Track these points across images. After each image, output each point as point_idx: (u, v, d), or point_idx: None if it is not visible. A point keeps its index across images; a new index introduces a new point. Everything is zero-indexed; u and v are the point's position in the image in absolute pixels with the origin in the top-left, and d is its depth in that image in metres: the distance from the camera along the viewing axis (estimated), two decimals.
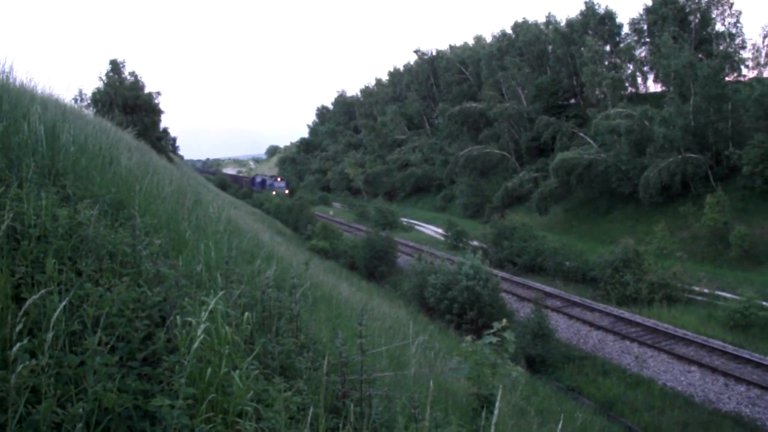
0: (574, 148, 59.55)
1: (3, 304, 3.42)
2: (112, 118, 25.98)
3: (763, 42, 54.89)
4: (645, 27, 69.34)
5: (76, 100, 42.41)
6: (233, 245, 8.00)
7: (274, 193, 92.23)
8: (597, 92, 65.67)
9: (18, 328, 3.25)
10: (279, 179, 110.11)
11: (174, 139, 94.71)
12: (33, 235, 4.38)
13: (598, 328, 29.29)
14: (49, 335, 3.20)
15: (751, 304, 27.79)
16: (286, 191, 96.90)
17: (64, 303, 3.46)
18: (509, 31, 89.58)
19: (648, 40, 69.11)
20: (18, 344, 3.10)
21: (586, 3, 73.62)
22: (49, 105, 9.09)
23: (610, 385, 23.73)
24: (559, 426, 5.09)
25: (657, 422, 20.75)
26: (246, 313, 4.39)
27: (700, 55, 57.67)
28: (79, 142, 7.76)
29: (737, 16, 60.73)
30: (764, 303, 28.58)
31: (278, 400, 3.61)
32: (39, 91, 11.18)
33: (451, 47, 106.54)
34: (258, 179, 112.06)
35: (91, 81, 76.98)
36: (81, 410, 2.97)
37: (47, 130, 6.77)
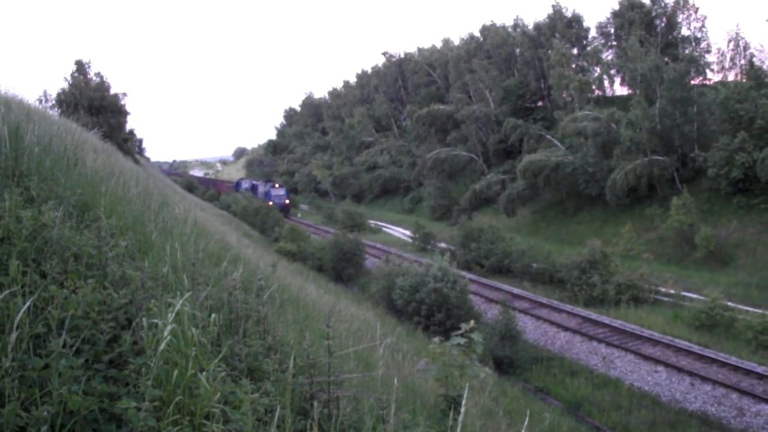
0: (542, 150, 59.70)
1: None
2: (78, 119, 25.69)
3: (728, 46, 55.56)
4: (612, 30, 70.23)
5: (40, 101, 41.94)
6: (200, 247, 7.95)
7: (270, 203, 71.38)
8: (564, 95, 66.05)
9: None
10: (277, 185, 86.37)
11: (140, 141, 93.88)
12: None
13: (566, 329, 29.47)
14: (13, 337, 3.16)
15: (717, 304, 28.16)
16: (287, 201, 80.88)
17: (27, 305, 3.43)
18: (477, 34, 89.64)
19: (615, 43, 70.00)
20: None
21: (553, 6, 74.28)
22: (12, 106, 8.99)
23: (577, 386, 23.92)
24: (525, 425, 5.11)
25: (624, 422, 20.98)
26: (213, 315, 4.37)
27: (666, 59, 58.35)
28: (43, 143, 7.69)
29: (702, 21, 61.43)
30: (729, 303, 29.00)
31: (245, 402, 3.59)
32: (2, 92, 11.07)
33: (419, 50, 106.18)
34: (245, 184, 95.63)
35: (56, 81, 76.53)
36: (46, 413, 2.94)
37: (11, 131, 6.70)
